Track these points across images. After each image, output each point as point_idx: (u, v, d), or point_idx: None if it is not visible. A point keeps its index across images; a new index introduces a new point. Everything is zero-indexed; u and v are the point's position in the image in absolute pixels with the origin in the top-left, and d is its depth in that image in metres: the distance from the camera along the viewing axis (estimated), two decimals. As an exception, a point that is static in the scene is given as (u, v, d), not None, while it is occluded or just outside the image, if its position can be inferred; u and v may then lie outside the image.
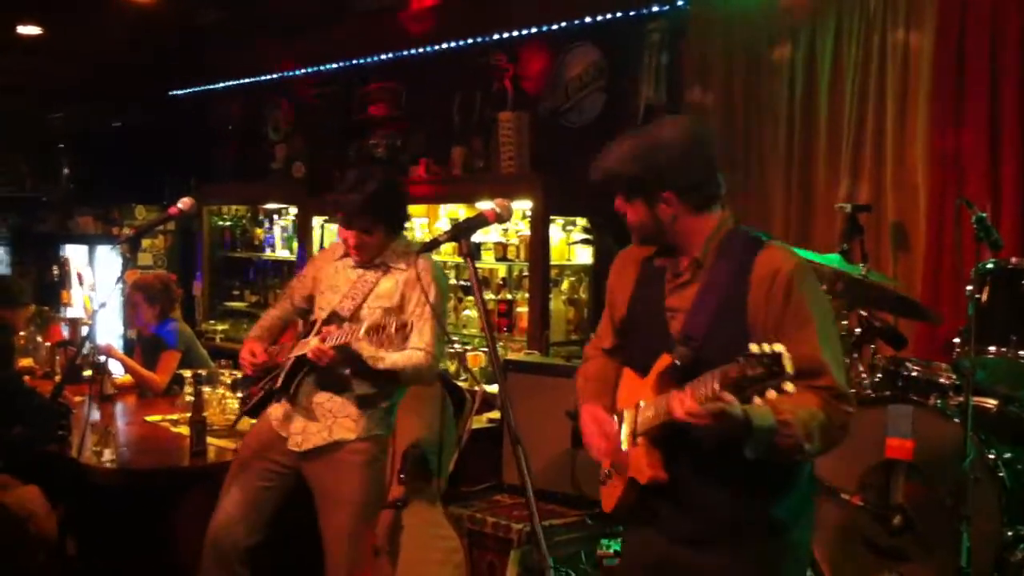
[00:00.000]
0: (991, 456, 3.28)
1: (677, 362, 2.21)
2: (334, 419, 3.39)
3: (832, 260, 3.71)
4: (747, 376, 1.89)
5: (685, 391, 2.05)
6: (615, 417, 2.38)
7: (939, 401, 3.47)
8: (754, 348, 1.89)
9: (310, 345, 3.25)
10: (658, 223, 2.28)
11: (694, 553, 2.26)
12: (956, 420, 3.27)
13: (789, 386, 1.86)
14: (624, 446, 2.29)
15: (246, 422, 3.86)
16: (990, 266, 3.46)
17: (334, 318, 3.35)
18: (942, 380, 3.56)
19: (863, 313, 3.81)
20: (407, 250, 3.44)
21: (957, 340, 3.51)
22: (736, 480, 2.21)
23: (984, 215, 3.40)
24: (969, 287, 3.39)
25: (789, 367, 1.84)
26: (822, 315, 2.21)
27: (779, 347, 1.86)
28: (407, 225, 6.17)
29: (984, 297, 3.42)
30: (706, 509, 2.24)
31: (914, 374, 3.61)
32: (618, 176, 2.27)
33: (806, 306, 2.18)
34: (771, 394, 1.88)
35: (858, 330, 3.82)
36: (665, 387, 2.21)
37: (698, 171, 2.26)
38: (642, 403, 2.26)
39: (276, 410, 3.48)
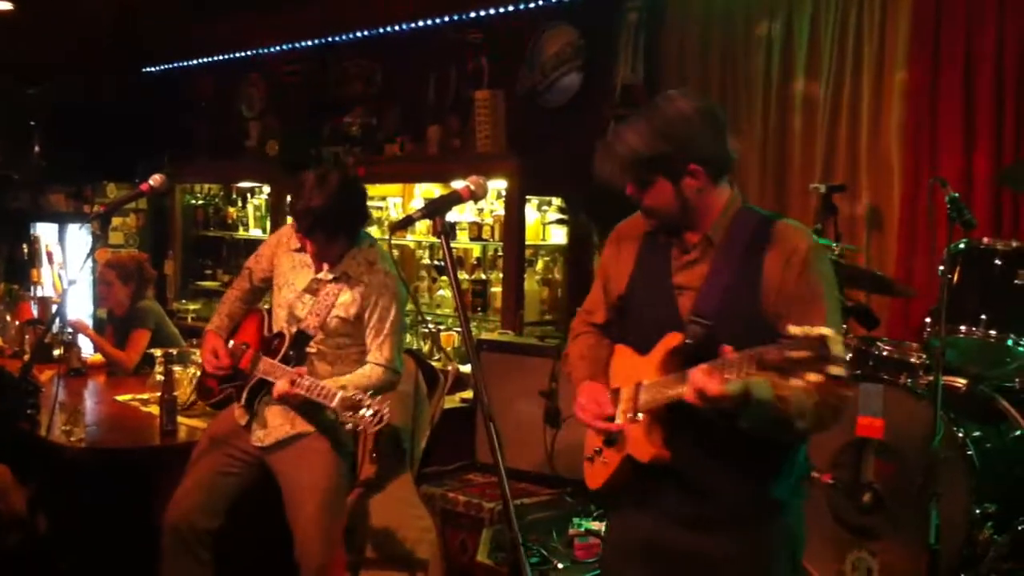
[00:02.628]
0: (960, 435, 3.30)
1: (688, 341, 2.16)
2: (296, 415, 3.35)
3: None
4: (790, 359, 1.83)
5: (708, 371, 1.97)
6: (611, 394, 2.32)
7: (909, 380, 3.49)
8: (795, 330, 1.83)
9: (279, 387, 3.22)
10: (682, 200, 2.19)
11: (693, 536, 2.23)
12: (926, 399, 3.29)
13: (836, 369, 1.80)
14: (619, 421, 2.24)
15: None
16: (962, 246, 3.47)
17: (301, 337, 3.33)
18: (913, 360, 3.58)
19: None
20: (368, 259, 3.36)
21: (928, 320, 3.52)
22: (737, 461, 2.18)
23: (957, 195, 3.40)
24: (941, 267, 3.41)
25: (836, 350, 1.79)
26: (832, 297, 2.18)
27: (824, 330, 1.81)
28: (381, 205, 6.22)
29: (956, 277, 3.44)
30: (708, 491, 2.20)
31: (885, 353, 3.63)
32: (643, 157, 2.16)
33: (819, 285, 2.15)
34: (812, 376, 1.82)
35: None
36: (673, 366, 2.16)
37: (719, 138, 2.21)
38: (645, 381, 2.21)
39: (237, 407, 3.45)
